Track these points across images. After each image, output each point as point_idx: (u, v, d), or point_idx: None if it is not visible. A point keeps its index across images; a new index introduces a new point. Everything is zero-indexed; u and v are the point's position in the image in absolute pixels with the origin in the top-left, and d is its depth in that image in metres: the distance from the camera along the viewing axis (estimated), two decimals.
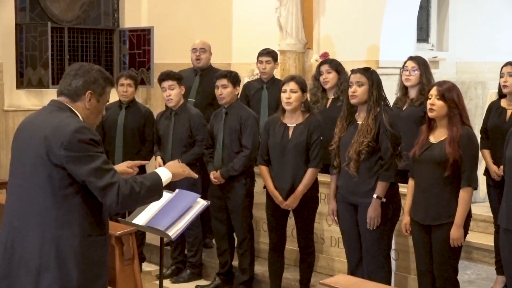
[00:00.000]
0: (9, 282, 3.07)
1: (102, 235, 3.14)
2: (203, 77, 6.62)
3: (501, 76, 5.47)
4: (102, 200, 3.02)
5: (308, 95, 5.37)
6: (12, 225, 3.09)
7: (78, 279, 3.02)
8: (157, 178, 3.21)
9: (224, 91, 5.60)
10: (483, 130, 5.64)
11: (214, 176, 5.61)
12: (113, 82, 3.26)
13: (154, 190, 3.16)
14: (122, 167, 3.53)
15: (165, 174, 3.28)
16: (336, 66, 5.93)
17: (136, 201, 3.08)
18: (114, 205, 3.00)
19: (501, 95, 5.55)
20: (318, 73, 5.98)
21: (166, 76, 6.02)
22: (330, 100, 5.92)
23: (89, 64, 3.22)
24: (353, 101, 4.67)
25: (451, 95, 4.34)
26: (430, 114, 4.39)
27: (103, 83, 3.17)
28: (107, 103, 3.27)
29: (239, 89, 5.79)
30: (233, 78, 5.65)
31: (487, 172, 5.56)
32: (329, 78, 5.89)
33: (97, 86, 3.15)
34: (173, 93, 5.93)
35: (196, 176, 3.66)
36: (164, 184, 3.24)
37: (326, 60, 6.28)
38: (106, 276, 3.22)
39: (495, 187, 5.40)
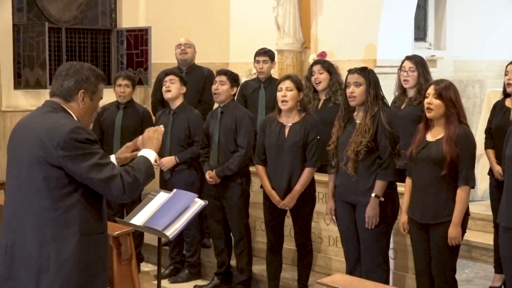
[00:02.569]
0: (11, 284, 3.07)
1: (100, 234, 3.14)
2: (188, 75, 6.62)
3: (505, 74, 5.42)
4: (107, 193, 3.04)
5: None
6: (11, 227, 3.09)
7: (78, 278, 3.02)
8: (147, 161, 3.24)
9: (220, 88, 5.60)
10: (488, 130, 5.61)
11: (210, 175, 5.60)
12: (105, 79, 3.24)
13: (149, 173, 3.21)
14: (122, 154, 3.49)
15: (150, 155, 3.29)
16: (328, 67, 5.94)
17: (139, 187, 3.13)
18: (121, 194, 3.03)
19: (506, 94, 5.51)
20: (310, 73, 5.99)
21: (170, 71, 6.14)
22: (321, 101, 5.93)
23: (79, 63, 3.20)
24: (352, 103, 4.66)
25: (448, 93, 4.33)
26: (428, 115, 4.38)
27: (94, 81, 3.15)
28: (105, 104, 3.27)
29: (236, 90, 5.79)
30: (233, 77, 5.66)
31: (491, 171, 5.53)
32: (321, 78, 5.89)
33: (89, 84, 3.13)
34: (172, 86, 5.93)
35: (162, 128, 3.54)
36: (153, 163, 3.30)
37: (319, 60, 6.29)
38: (106, 274, 3.22)
39: (498, 187, 5.36)
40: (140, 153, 3.31)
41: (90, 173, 2.96)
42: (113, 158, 3.42)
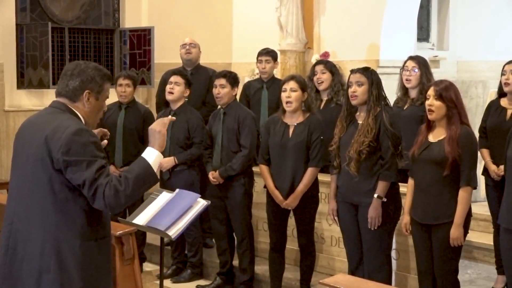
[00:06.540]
0: (11, 283, 3.06)
1: (103, 238, 3.12)
2: (193, 76, 6.62)
3: (502, 74, 5.42)
4: (92, 204, 2.97)
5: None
6: (14, 227, 3.08)
7: (79, 282, 3.01)
8: (144, 165, 3.04)
9: (222, 91, 5.60)
10: (482, 129, 5.61)
11: (213, 176, 5.61)
12: (110, 78, 3.20)
13: (142, 178, 3.01)
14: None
15: (152, 155, 3.08)
16: (331, 67, 5.94)
17: (124, 198, 2.95)
18: (103, 208, 2.96)
19: (501, 94, 5.52)
20: (313, 73, 5.99)
21: (178, 71, 6.10)
22: (323, 102, 5.92)
23: (85, 62, 3.17)
24: (353, 102, 4.67)
25: (449, 94, 4.32)
26: (429, 117, 4.38)
27: (100, 81, 3.12)
28: (108, 104, 3.24)
29: (237, 90, 5.79)
30: (232, 78, 5.65)
31: (486, 171, 5.53)
32: (323, 78, 5.89)
33: (94, 84, 3.11)
34: (176, 89, 5.92)
35: (173, 118, 3.45)
36: (155, 165, 3.06)
37: (321, 60, 6.30)
38: (110, 278, 3.21)
39: (494, 187, 5.37)
40: (143, 154, 3.13)
41: (84, 183, 2.91)
42: None
